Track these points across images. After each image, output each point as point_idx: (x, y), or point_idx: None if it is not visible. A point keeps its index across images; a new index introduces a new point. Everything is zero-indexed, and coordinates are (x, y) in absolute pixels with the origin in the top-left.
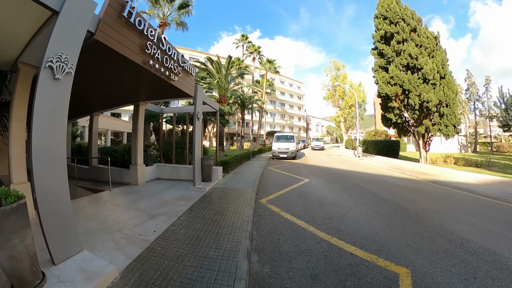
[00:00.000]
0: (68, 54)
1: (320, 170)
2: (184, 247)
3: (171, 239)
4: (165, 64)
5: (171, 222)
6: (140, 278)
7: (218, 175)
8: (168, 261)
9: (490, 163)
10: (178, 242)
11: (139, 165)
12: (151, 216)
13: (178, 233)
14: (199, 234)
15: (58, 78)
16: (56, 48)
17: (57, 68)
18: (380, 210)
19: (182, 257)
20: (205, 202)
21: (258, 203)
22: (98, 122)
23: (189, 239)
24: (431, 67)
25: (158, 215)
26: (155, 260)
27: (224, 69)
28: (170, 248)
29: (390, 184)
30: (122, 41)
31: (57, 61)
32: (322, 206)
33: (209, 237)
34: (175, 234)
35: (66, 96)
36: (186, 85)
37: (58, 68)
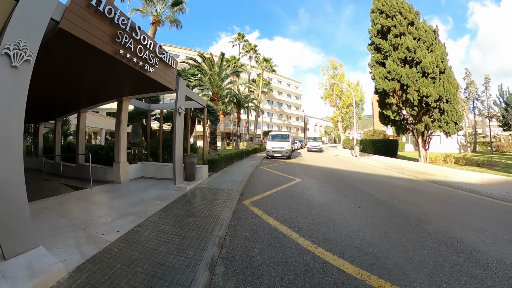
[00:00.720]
0: (28, 42)
1: (314, 170)
2: (142, 250)
3: (132, 241)
4: (139, 54)
5: (138, 222)
6: (87, 281)
7: (203, 174)
8: (121, 265)
9: (492, 162)
10: (138, 245)
11: (122, 163)
12: (121, 215)
13: (141, 235)
14: (163, 237)
15: (15, 66)
16: (14, 35)
17: (15, 55)
18: (377, 214)
19: (136, 261)
20: (181, 202)
21: (241, 204)
22: (85, 119)
23: (151, 242)
24: (430, 60)
25: (129, 214)
26: (108, 262)
27: (217, 66)
28: (127, 250)
29: (388, 185)
30: (91, 30)
31: (14, 49)
32: (311, 209)
33: (172, 241)
34: (137, 236)
35: (25, 84)
36: (165, 78)
37: (16, 56)
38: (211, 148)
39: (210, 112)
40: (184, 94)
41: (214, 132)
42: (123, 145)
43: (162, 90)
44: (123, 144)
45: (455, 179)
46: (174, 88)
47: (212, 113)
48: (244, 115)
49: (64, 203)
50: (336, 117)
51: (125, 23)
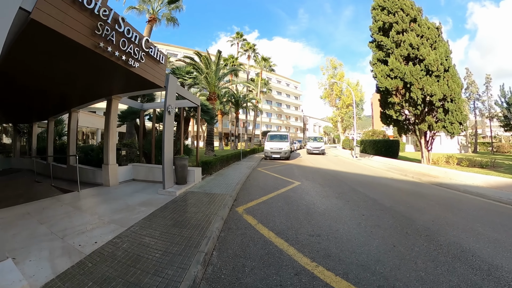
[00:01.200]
0: None
1: (314, 172)
2: (117, 267)
3: (108, 255)
4: (122, 48)
5: (119, 232)
6: None
7: (195, 177)
8: (92, 283)
9: (495, 163)
10: (114, 260)
11: (111, 165)
12: (102, 223)
13: (119, 248)
14: (142, 251)
15: None
16: None
17: None
18: (383, 223)
19: (109, 280)
20: (168, 209)
21: (233, 212)
22: (76, 119)
23: (128, 257)
24: (434, 58)
25: (111, 222)
26: (79, 279)
27: (214, 65)
28: (102, 266)
29: (391, 188)
30: (67, 22)
31: None
32: (311, 217)
33: (152, 257)
34: (115, 249)
35: None
36: (153, 74)
37: None
38: (207, 149)
39: (204, 111)
40: (175, 91)
41: (211, 132)
42: (112, 146)
43: (151, 88)
44: (112, 145)
45: (460, 181)
46: (163, 85)
47: (207, 112)
48: (242, 115)
49: (47, 208)
50: (336, 117)
51: (107, 14)
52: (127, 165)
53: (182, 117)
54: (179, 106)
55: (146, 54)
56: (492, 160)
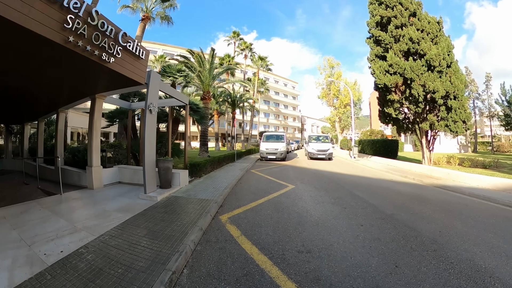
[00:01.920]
0: None
1: (310, 174)
2: (76, 281)
3: (70, 266)
4: (95, 42)
5: (88, 241)
6: None
7: (181, 181)
8: None
9: (498, 163)
10: (74, 274)
11: (95, 167)
12: (74, 230)
13: (83, 259)
14: (105, 265)
15: None
16: None
17: None
18: (383, 235)
19: None
20: (145, 216)
21: (216, 221)
22: (64, 119)
23: (90, 270)
24: (436, 53)
25: (82, 229)
26: None
27: (207, 63)
28: (61, 279)
29: (392, 192)
30: (33, 15)
31: None
32: (302, 228)
33: (113, 273)
34: (79, 260)
35: None
36: (131, 70)
37: None
38: (202, 150)
39: (194, 110)
40: (157, 89)
41: (205, 132)
42: (96, 147)
43: (131, 85)
44: (96, 146)
45: (465, 183)
46: (144, 82)
47: (197, 112)
48: (239, 115)
49: (25, 212)
50: (333, 117)
51: (78, 7)
52: (113, 167)
53: (170, 117)
54: (166, 105)
55: (123, 49)
56: (495, 160)
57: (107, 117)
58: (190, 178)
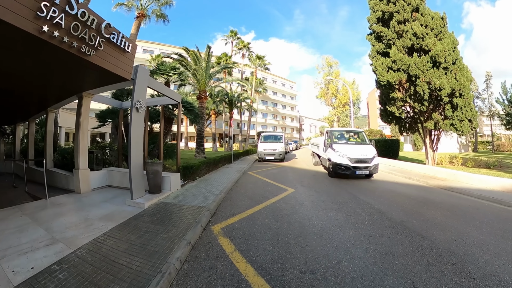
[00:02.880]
0: None
1: (309, 176)
2: None
3: None
4: (73, 33)
5: (63, 255)
6: None
7: (172, 185)
8: None
9: (502, 163)
10: None
11: (82, 170)
12: (51, 241)
13: (53, 279)
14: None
15: None
16: None
17: None
18: (396, 248)
19: None
20: (129, 227)
21: (208, 232)
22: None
23: None
24: (441, 48)
25: (60, 241)
26: None
27: (203, 61)
28: None
29: (398, 196)
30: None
31: None
32: (304, 240)
33: None
34: (48, 280)
35: None
36: (115, 64)
37: None
38: (198, 151)
39: (188, 109)
40: (145, 85)
41: (201, 132)
42: (83, 148)
43: (116, 81)
44: (83, 147)
45: (471, 185)
46: (129, 77)
47: (191, 111)
48: (237, 115)
49: (4, 219)
50: (332, 116)
51: None
52: (101, 169)
53: (162, 116)
54: (158, 103)
55: (106, 41)
56: (499, 160)
57: (98, 117)
58: (183, 181)
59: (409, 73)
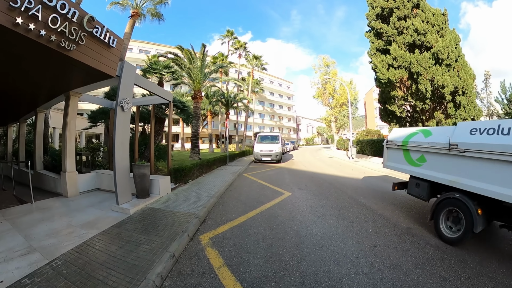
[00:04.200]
0: None
1: (307, 178)
2: None
3: None
4: (51, 26)
5: (38, 266)
6: None
7: (161, 189)
8: None
9: None
10: None
11: (69, 173)
12: (28, 250)
13: None
14: None
15: None
16: None
17: None
18: (404, 260)
19: None
20: (110, 236)
21: (195, 242)
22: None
23: None
24: (444, 45)
25: (37, 250)
26: None
27: (198, 60)
28: None
29: (401, 199)
30: None
31: None
32: (301, 253)
33: None
34: None
35: None
36: (98, 60)
37: None
38: (192, 152)
39: (180, 109)
40: (132, 82)
41: (196, 133)
42: (71, 150)
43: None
44: (71, 148)
45: None
46: (115, 74)
47: (183, 110)
48: (233, 115)
49: None
50: (329, 116)
51: None
52: (90, 172)
53: (153, 116)
54: (149, 103)
55: (88, 35)
56: None
57: (89, 117)
58: (174, 184)
59: (411, 71)
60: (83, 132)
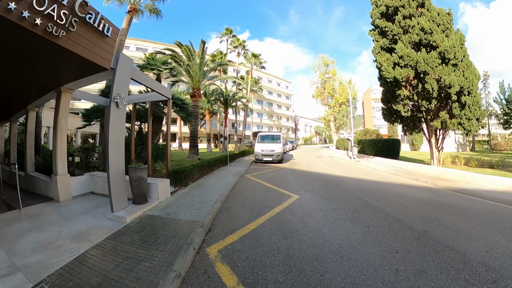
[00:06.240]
0: None
1: (312, 179)
2: None
3: None
4: (37, 8)
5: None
6: None
7: (160, 193)
8: None
9: (505, 163)
10: None
11: (60, 175)
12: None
13: None
14: None
15: None
16: None
17: None
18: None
19: None
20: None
21: (202, 256)
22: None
23: None
24: (450, 44)
25: (21, 269)
26: None
27: (198, 57)
28: None
29: (411, 200)
30: None
31: None
32: (322, 265)
33: None
34: None
35: None
36: (91, 50)
37: None
38: (191, 152)
39: (180, 107)
40: (128, 76)
41: (194, 133)
42: (62, 151)
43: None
44: (62, 149)
45: (481, 186)
46: (108, 66)
47: (183, 108)
48: (232, 115)
49: None
50: (328, 116)
51: None
52: (83, 174)
53: (150, 114)
54: (146, 100)
55: (80, 21)
56: (502, 160)
57: (83, 116)
58: (173, 188)
59: (417, 70)
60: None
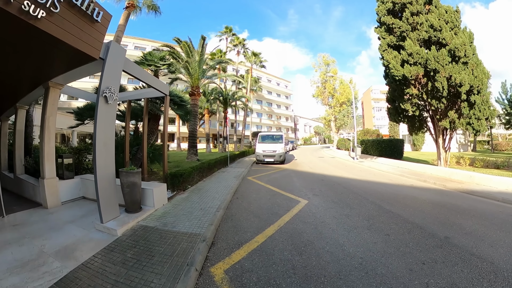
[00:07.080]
0: None
1: (318, 181)
2: None
3: None
4: None
5: None
6: None
7: (156, 200)
8: None
9: (510, 163)
10: None
11: (48, 179)
12: None
13: None
14: None
15: None
16: None
17: None
18: (457, 276)
19: None
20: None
21: (205, 278)
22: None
23: None
24: (461, 42)
25: None
26: None
27: (197, 54)
28: None
29: (424, 203)
30: None
31: None
32: (347, 284)
33: None
34: None
35: None
36: (78, 36)
37: None
38: (190, 153)
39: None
40: (120, 68)
41: (193, 132)
42: (50, 152)
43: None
44: (50, 150)
45: (491, 187)
46: (97, 56)
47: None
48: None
49: None
50: (329, 116)
51: None
52: (73, 177)
53: (146, 112)
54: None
55: (64, 2)
56: (508, 160)
57: (76, 114)
58: (171, 193)
59: (427, 68)
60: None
